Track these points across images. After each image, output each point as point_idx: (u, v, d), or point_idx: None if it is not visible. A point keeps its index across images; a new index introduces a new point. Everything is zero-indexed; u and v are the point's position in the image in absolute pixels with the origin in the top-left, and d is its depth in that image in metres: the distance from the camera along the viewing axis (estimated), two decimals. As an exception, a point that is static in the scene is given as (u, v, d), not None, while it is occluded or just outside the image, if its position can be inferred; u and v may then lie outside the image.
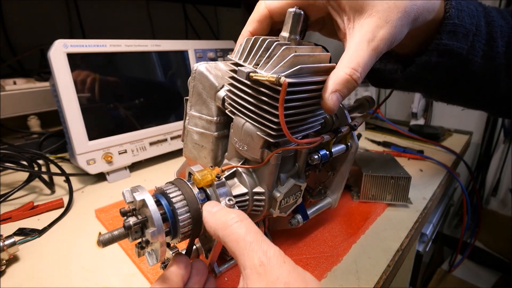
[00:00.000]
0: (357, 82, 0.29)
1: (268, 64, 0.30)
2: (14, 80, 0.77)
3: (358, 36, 0.30)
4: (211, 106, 0.38)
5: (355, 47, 0.30)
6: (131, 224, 0.29)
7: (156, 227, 0.28)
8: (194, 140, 0.41)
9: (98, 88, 0.64)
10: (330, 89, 0.29)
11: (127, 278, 0.41)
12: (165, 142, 0.75)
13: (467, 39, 0.38)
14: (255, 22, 0.36)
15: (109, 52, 0.65)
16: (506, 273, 1.36)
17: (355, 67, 0.29)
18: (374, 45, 0.30)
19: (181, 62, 0.78)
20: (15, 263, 0.44)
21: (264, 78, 0.28)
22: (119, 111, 0.68)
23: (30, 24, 0.92)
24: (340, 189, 0.47)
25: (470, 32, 0.38)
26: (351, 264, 0.43)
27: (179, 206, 0.30)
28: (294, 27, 0.31)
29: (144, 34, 1.20)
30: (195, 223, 0.31)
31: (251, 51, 0.32)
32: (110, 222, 0.51)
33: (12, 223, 0.52)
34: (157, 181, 0.68)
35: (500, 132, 1.25)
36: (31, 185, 0.62)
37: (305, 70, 0.30)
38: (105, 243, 0.28)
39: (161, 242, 0.28)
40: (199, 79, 0.38)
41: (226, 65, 0.38)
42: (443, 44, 0.37)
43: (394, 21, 0.30)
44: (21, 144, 0.75)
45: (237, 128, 0.35)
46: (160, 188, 0.32)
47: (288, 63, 0.29)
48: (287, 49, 0.29)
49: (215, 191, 0.32)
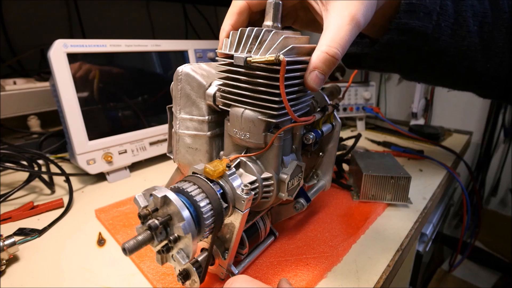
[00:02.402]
0: (336, 58, 0.31)
1: (261, 49, 0.31)
2: (14, 80, 0.77)
3: (332, 17, 0.32)
4: (201, 105, 0.38)
5: (331, 27, 0.31)
6: (157, 223, 0.27)
7: (186, 220, 0.27)
8: (187, 145, 0.40)
9: (98, 88, 0.64)
10: (310, 68, 0.31)
11: (127, 278, 0.41)
12: (165, 142, 0.75)
13: (430, 18, 0.40)
14: (235, 15, 0.37)
15: (109, 52, 0.65)
16: (506, 273, 1.36)
17: (331, 44, 0.31)
18: (347, 22, 0.31)
19: (181, 62, 0.78)
20: (15, 263, 0.44)
21: (262, 59, 0.30)
22: (119, 111, 0.68)
23: (30, 24, 0.92)
24: (331, 170, 0.49)
25: (434, 11, 0.40)
26: (351, 264, 0.43)
27: (200, 199, 0.30)
28: (276, 15, 0.34)
29: (144, 34, 1.20)
30: (217, 215, 0.31)
31: (240, 41, 0.32)
32: (110, 222, 0.51)
33: (12, 223, 0.52)
34: (157, 181, 0.68)
35: (500, 132, 1.25)
36: (31, 185, 0.62)
37: (295, 50, 0.32)
38: (131, 250, 0.26)
39: (192, 235, 0.27)
40: (186, 81, 0.38)
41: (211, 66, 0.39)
42: (402, 23, 0.39)
43: None
44: (21, 144, 0.75)
45: (235, 118, 0.35)
46: (175, 186, 0.32)
47: (280, 45, 0.30)
48: (276, 33, 0.31)
49: (228, 181, 0.33)
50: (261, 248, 0.44)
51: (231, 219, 0.35)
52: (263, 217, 0.43)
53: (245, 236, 0.39)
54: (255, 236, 0.42)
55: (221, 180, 0.33)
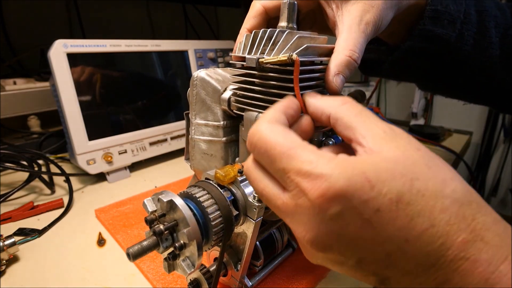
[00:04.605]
0: (357, 62, 0.31)
1: (274, 50, 0.29)
2: (14, 80, 0.77)
3: (348, 21, 0.31)
4: (216, 110, 0.37)
5: (348, 30, 0.31)
6: (162, 228, 0.26)
7: (191, 225, 0.26)
8: (202, 150, 0.40)
9: (98, 88, 0.64)
10: (333, 71, 0.30)
11: (127, 278, 0.41)
12: (165, 142, 0.75)
13: (454, 27, 0.39)
14: (251, 19, 0.36)
15: (109, 52, 0.65)
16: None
17: (352, 48, 0.30)
18: (363, 28, 0.31)
19: (181, 62, 0.78)
20: (15, 263, 0.43)
21: (275, 60, 0.28)
22: (119, 111, 0.68)
23: (30, 24, 0.92)
24: None
25: (458, 19, 0.39)
26: (351, 264, 0.43)
27: (208, 204, 0.29)
28: (291, 16, 0.32)
29: (144, 34, 1.20)
30: (226, 222, 0.30)
31: (253, 43, 0.31)
32: (110, 222, 0.51)
33: (12, 223, 0.52)
34: (157, 181, 0.68)
35: (500, 132, 1.25)
36: (31, 185, 0.62)
37: (311, 49, 0.30)
38: (135, 256, 0.25)
39: (197, 242, 0.26)
40: (201, 86, 0.38)
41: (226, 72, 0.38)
42: (426, 29, 0.38)
43: (379, 5, 0.32)
44: (21, 144, 0.75)
45: (249, 123, 0.34)
46: (183, 192, 0.31)
47: (293, 45, 0.29)
48: (290, 33, 0.30)
49: (240, 187, 0.32)
50: (278, 261, 0.42)
51: (243, 228, 0.33)
52: (280, 228, 0.41)
53: (260, 247, 0.38)
54: (271, 248, 0.40)
55: (232, 186, 0.32)
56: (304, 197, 0.19)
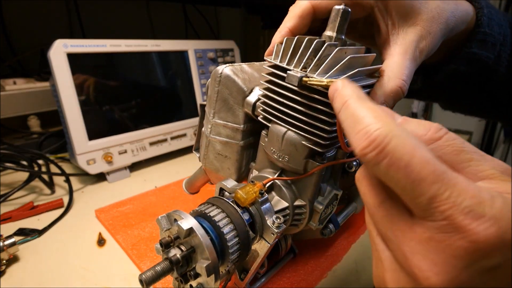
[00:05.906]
0: (404, 94, 0.29)
1: (320, 68, 0.26)
2: (14, 80, 0.77)
3: (404, 45, 0.29)
4: (238, 113, 0.35)
5: (403, 56, 0.29)
6: (179, 257, 0.25)
7: (211, 260, 0.25)
8: (216, 151, 0.38)
9: (98, 88, 0.64)
10: (379, 101, 0.28)
11: (127, 278, 0.41)
12: (165, 142, 0.75)
13: (494, 49, 0.37)
14: (296, 18, 0.32)
15: (109, 52, 0.65)
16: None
17: (404, 79, 0.28)
18: (416, 55, 0.29)
19: (181, 62, 0.78)
20: (15, 263, 0.44)
21: (322, 83, 0.25)
22: (119, 111, 0.68)
23: (30, 24, 0.92)
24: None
25: (498, 41, 0.37)
26: (351, 264, 0.43)
27: (227, 231, 0.27)
28: (342, 26, 0.28)
29: (144, 34, 1.20)
30: (243, 247, 0.28)
31: (295, 53, 0.28)
32: (110, 222, 0.51)
33: (12, 223, 0.52)
34: (157, 181, 0.68)
35: (500, 132, 1.25)
36: (31, 185, 0.62)
37: (361, 73, 0.27)
38: (149, 283, 0.24)
39: (215, 276, 0.25)
40: (225, 84, 0.34)
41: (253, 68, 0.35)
42: (472, 53, 0.36)
43: (436, 32, 0.30)
44: (21, 144, 0.75)
45: (275, 138, 0.31)
46: (199, 210, 0.29)
47: (343, 66, 0.26)
48: (340, 50, 0.26)
49: (259, 209, 0.30)
50: (279, 266, 0.42)
51: (255, 247, 0.32)
52: (285, 235, 0.41)
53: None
54: (274, 255, 0.39)
55: (251, 207, 0.30)
56: (458, 235, 0.16)
